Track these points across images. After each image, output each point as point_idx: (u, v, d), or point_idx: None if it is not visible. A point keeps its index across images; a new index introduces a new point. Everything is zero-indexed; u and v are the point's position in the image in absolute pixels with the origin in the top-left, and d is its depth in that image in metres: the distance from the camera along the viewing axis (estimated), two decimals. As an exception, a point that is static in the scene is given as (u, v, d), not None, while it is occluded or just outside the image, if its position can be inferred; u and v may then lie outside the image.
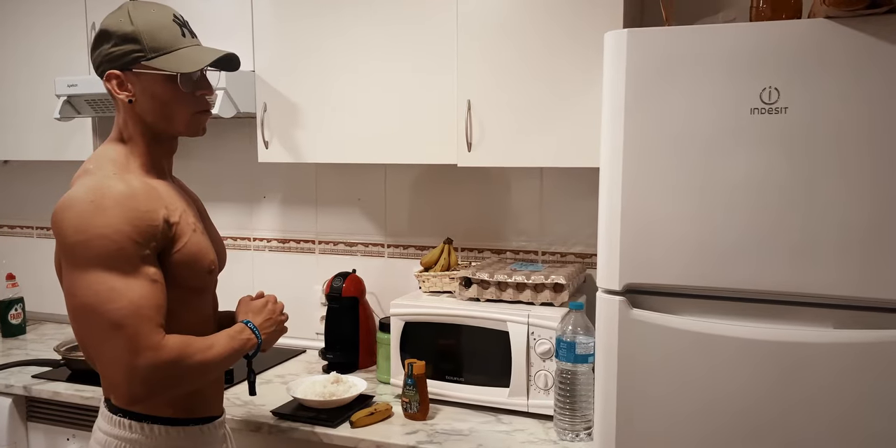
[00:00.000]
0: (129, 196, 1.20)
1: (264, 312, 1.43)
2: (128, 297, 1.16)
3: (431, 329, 1.90)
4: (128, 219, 1.18)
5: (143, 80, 1.27)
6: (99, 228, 1.16)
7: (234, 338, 1.32)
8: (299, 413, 1.80)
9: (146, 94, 1.28)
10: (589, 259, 2.12)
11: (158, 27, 1.26)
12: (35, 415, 2.12)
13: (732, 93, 1.32)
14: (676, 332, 1.39)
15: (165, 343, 1.19)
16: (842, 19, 1.25)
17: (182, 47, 1.27)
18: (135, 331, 1.15)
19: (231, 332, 1.33)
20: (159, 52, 1.26)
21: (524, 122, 1.81)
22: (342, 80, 1.99)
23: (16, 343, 2.51)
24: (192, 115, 1.32)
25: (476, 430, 1.74)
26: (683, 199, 1.37)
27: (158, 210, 1.24)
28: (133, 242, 1.18)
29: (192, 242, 1.29)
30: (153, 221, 1.22)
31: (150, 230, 1.21)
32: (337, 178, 2.41)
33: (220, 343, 1.29)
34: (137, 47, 1.25)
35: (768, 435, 1.34)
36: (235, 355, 1.32)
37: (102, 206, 1.18)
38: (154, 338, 1.17)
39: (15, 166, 2.89)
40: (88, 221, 1.17)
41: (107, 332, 1.16)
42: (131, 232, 1.18)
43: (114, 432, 1.30)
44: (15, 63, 2.42)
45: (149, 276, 1.20)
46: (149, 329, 1.17)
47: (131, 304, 1.16)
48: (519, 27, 1.79)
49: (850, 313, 1.31)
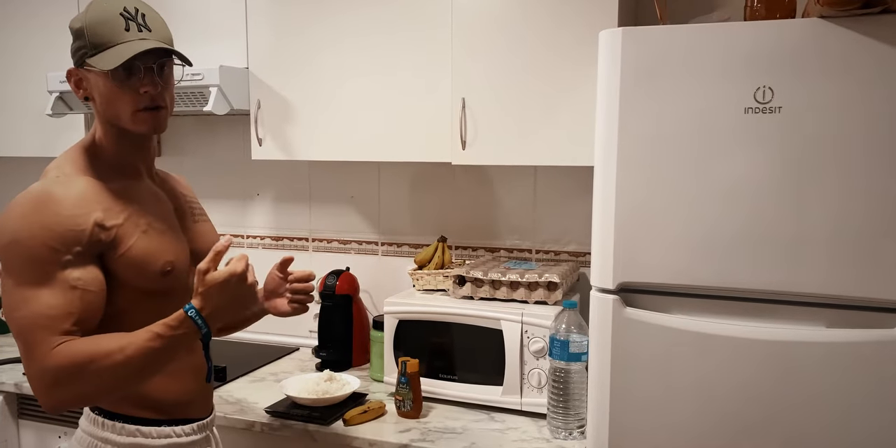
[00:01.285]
0: (53, 200, 1.17)
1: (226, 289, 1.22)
2: (31, 306, 1.14)
3: (425, 327, 1.90)
4: (47, 224, 1.16)
5: (91, 77, 1.24)
6: (14, 233, 1.16)
7: (162, 334, 1.15)
8: (292, 411, 1.80)
9: (95, 91, 1.25)
10: (583, 258, 2.12)
11: (101, 22, 1.20)
12: (26, 412, 2.12)
13: (726, 92, 1.32)
14: (670, 331, 1.39)
15: (57, 351, 1.13)
16: (836, 19, 1.25)
17: (121, 42, 1.20)
18: (32, 339, 1.14)
19: (162, 328, 1.16)
20: (98, 48, 1.20)
21: (519, 121, 1.81)
22: (336, 78, 1.99)
23: (6, 340, 2.50)
24: (135, 112, 1.24)
25: (469, 429, 1.74)
26: (677, 198, 1.37)
27: (89, 214, 1.19)
28: (48, 248, 1.15)
29: (140, 245, 1.24)
30: (77, 226, 1.18)
31: (73, 235, 1.17)
32: (331, 175, 2.41)
33: (138, 342, 1.15)
34: (83, 43, 1.22)
35: (761, 433, 1.35)
36: (169, 350, 1.17)
37: (23, 211, 1.17)
38: (42, 347, 1.13)
39: (6, 163, 2.87)
40: (8, 226, 1.16)
41: (16, 339, 1.16)
42: (47, 237, 1.15)
43: (89, 430, 1.31)
44: (6, 59, 2.40)
45: (67, 281, 1.16)
46: (42, 337, 1.13)
47: (32, 313, 1.14)
48: (514, 26, 1.79)
49: (842, 313, 1.31)
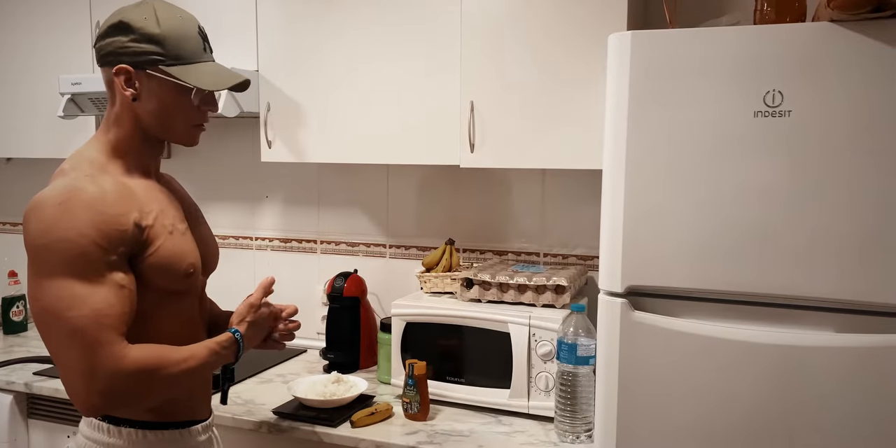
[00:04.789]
0: (98, 199, 1.16)
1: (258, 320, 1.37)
2: (89, 304, 1.12)
3: (433, 330, 1.90)
4: (94, 223, 1.14)
5: (154, 82, 1.25)
6: (63, 232, 1.12)
7: (217, 352, 1.27)
8: (300, 412, 1.80)
9: (153, 96, 1.26)
10: (591, 261, 2.12)
11: (184, 37, 1.25)
12: (36, 412, 2.13)
13: (736, 96, 1.32)
14: (678, 335, 1.39)
15: (127, 353, 1.14)
16: (846, 23, 1.25)
17: (202, 61, 1.28)
18: (95, 339, 1.11)
19: (215, 345, 1.27)
20: (179, 60, 1.25)
21: (527, 124, 1.81)
22: (345, 81, 2.00)
23: (17, 340, 2.52)
24: (191, 127, 1.31)
25: (476, 431, 1.74)
26: (686, 202, 1.37)
27: (129, 213, 1.19)
28: (98, 247, 1.14)
29: (167, 246, 1.24)
30: (121, 226, 1.17)
31: (118, 235, 1.16)
32: (339, 178, 2.42)
33: (199, 355, 1.23)
34: (159, 50, 1.23)
35: (770, 438, 1.34)
36: (214, 366, 1.28)
37: (69, 208, 1.14)
38: (114, 347, 1.13)
39: (18, 164, 2.89)
40: (53, 224, 1.13)
41: (67, 339, 1.12)
42: (97, 236, 1.14)
43: (93, 436, 1.28)
44: (18, 61, 2.42)
45: (115, 282, 1.16)
46: (110, 338, 1.13)
47: (92, 312, 1.12)
48: (523, 29, 1.79)
49: (851, 317, 1.30)
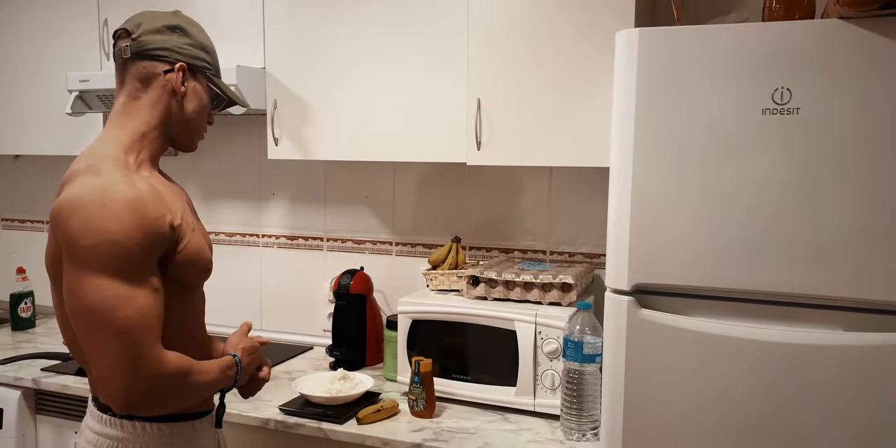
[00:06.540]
0: (139, 202, 1.19)
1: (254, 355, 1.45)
2: (133, 305, 1.15)
3: (439, 327, 1.90)
4: (139, 226, 1.17)
5: (198, 87, 1.36)
6: (110, 234, 1.14)
7: (224, 371, 1.33)
8: (306, 409, 1.81)
9: (195, 98, 1.36)
10: (597, 259, 2.12)
11: (216, 54, 1.41)
12: (44, 407, 2.14)
13: (744, 93, 1.31)
14: (685, 333, 1.38)
15: (167, 357, 1.19)
16: (855, 20, 1.24)
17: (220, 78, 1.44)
18: (139, 341, 1.15)
19: (223, 366, 1.33)
20: (217, 75, 1.41)
21: (534, 122, 1.80)
22: (352, 78, 2.00)
23: (25, 336, 2.53)
24: (203, 133, 1.43)
25: (482, 429, 1.74)
26: (694, 199, 1.36)
27: (165, 215, 1.22)
28: (142, 250, 1.17)
29: (192, 243, 1.28)
30: (161, 228, 1.21)
31: (159, 238, 1.20)
32: (346, 175, 2.42)
33: (214, 371, 1.30)
34: (209, 59, 1.38)
35: (778, 437, 1.34)
36: (219, 386, 1.33)
37: (115, 210, 1.16)
38: (156, 350, 1.17)
39: (26, 161, 2.90)
40: (100, 225, 1.14)
41: (110, 338, 1.14)
42: (142, 239, 1.17)
43: (104, 431, 1.29)
44: (26, 58, 2.43)
45: (152, 285, 1.19)
46: (152, 340, 1.17)
47: (136, 314, 1.15)
48: (529, 27, 1.79)
49: (860, 316, 1.30)
